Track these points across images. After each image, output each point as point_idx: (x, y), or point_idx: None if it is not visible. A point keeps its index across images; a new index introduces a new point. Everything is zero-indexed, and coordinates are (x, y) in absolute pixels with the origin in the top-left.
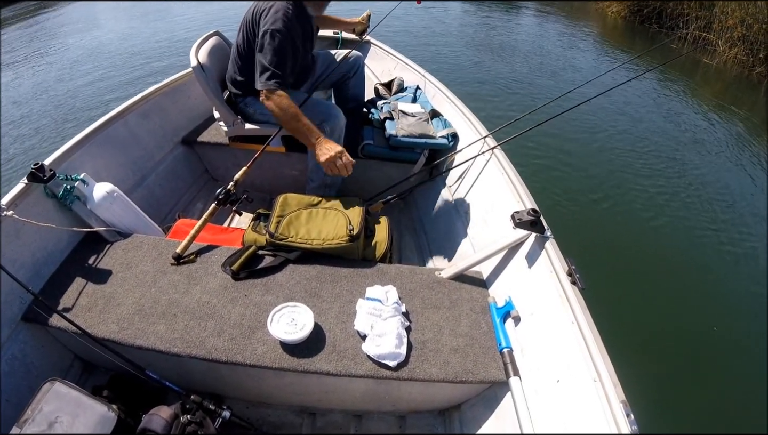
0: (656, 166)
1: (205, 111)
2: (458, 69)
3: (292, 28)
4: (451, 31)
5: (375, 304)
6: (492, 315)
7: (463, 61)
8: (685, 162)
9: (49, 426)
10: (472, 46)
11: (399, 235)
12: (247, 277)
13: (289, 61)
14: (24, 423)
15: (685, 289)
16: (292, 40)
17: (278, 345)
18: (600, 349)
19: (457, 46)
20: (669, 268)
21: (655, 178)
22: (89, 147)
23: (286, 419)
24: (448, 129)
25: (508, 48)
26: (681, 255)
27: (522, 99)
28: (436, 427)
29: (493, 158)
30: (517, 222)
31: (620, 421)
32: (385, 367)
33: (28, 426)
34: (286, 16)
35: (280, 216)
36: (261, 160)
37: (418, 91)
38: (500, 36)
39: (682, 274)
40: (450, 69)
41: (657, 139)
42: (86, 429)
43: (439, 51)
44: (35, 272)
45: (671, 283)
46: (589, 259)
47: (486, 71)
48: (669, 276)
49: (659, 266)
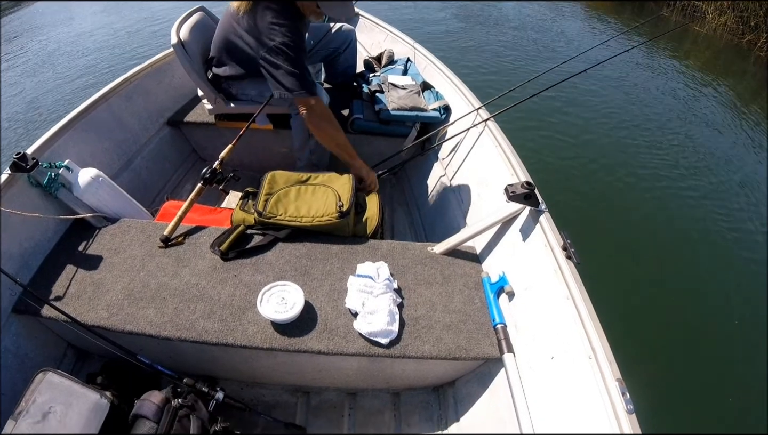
0: (651, 138)
1: (190, 90)
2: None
3: (301, 37)
4: (433, 4)
5: (366, 280)
6: (485, 290)
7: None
8: (680, 133)
9: (43, 417)
10: (460, 18)
11: (391, 211)
12: (236, 257)
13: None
14: (19, 415)
15: (682, 263)
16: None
17: (269, 325)
18: (595, 326)
19: (443, 18)
20: (666, 243)
21: (651, 150)
22: (72, 133)
23: (281, 399)
24: (440, 101)
25: (495, 20)
26: (678, 229)
27: (514, 71)
28: (431, 404)
29: (486, 130)
30: (510, 195)
31: (615, 399)
32: (378, 345)
33: (22, 418)
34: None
35: (269, 194)
36: (249, 138)
37: (408, 63)
38: (487, 7)
39: (679, 247)
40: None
41: (651, 111)
42: (80, 417)
43: (425, 23)
44: (23, 263)
45: (669, 258)
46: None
47: (475, 44)
48: (666, 250)
49: (656, 241)
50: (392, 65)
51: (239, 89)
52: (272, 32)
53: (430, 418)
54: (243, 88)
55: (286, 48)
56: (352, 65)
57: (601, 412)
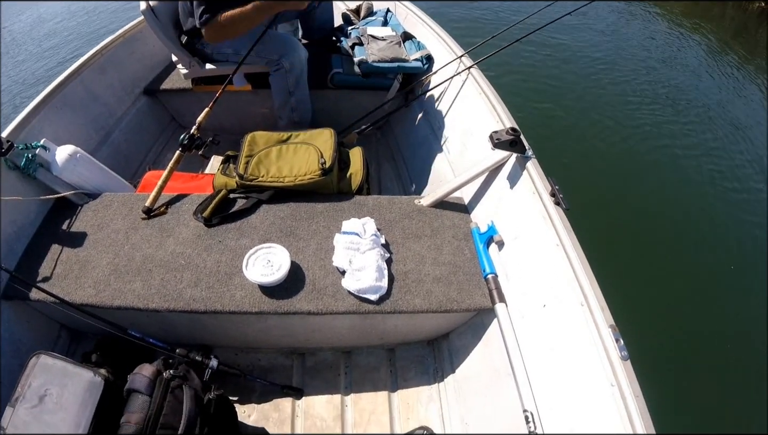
0: (635, 81)
1: (164, 58)
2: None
3: None
4: None
5: (352, 237)
6: (475, 241)
7: None
8: (662, 75)
9: (39, 400)
10: None
11: (377, 165)
12: (220, 223)
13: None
14: (16, 401)
15: (670, 206)
16: None
17: (257, 289)
18: (587, 272)
19: None
20: (656, 184)
21: (633, 94)
22: (46, 112)
23: (276, 362)
24: (422, 51)
25: None
26: (667, 169)
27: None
28: (426, 357)
29: (470, 78)
30: (495, 142)
31: (609, 345)
32: (367, 302)
33: (20, 404)
34: None
35: (249, 156)
36: (227, 100)
37: (388, 14)
38: None
39: (669, 187)
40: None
41: (632, 55)
42: (75, 397)
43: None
44: (8, 249)
45: (656, 201)
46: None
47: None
48: (656, 191)
49: (643, 184)
50: (371, 17)
51: (214, 46)
52: None
53: (426, 371)
54: (218, 44)
55: None
56: (328, 19)
57: (594, 359)
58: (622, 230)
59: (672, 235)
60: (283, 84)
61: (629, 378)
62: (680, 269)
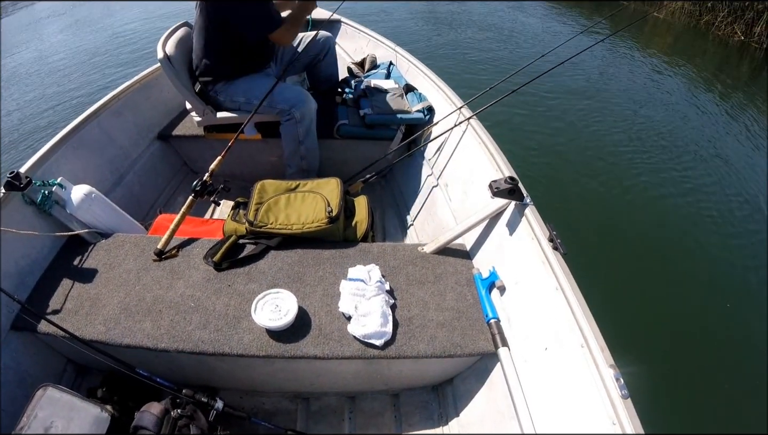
0: (626, 125)
1: (178, 104)
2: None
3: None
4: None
5: (358, 284)
6: (477, 286)
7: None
8: (653, 117)
9: (44, 431)
10: (424, 20)
11: (381, 213)
12: (229, 267)
13: None
14: (21, 430)
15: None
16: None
17: (264, 333)
18: (586, 314)
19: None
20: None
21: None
22: (64, 150)
23: (281, 406)
24: (423, 102)
25: (460, 20)
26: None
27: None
28: (430, 403)
29: (470, 129)
30: (495, 191)
31: (609, 385)
32: (373, 347)
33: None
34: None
35: (259, 203)
36: (238, 148)
37: (391, 66)
38: (447, 6)
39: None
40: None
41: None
42: (81, 432)
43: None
44: (20, 281)
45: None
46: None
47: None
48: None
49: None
50: (375, 69)
51: (227, 95)
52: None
53: (431, 416)
54: (231, 93)
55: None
56: (334, 72)
57: (596, 399)
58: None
59: (669, 274)
60: (293, 133)
61: (630, 415)
62: (679, 308)
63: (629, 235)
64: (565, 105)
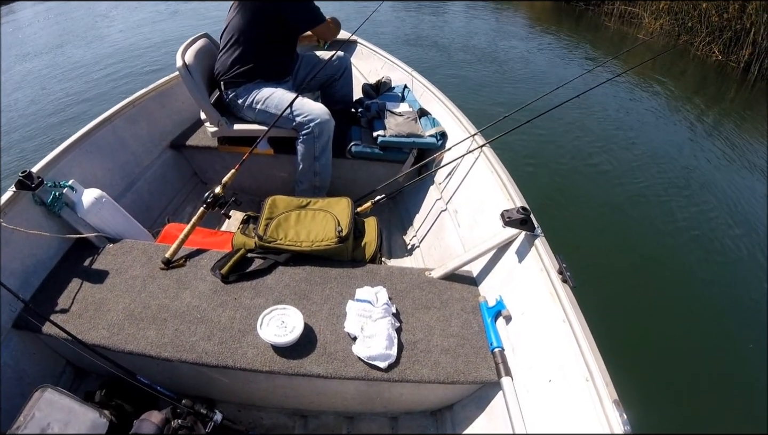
0: (642, 161)
1: (193, 114)
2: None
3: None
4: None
5: (365, 305)
6: (483, 314)
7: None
8: (671, 156)
9: (41, 432)
10: (411, 44)
11: (389, 235)
12: (236, 281)
13: None
14: (17, 430)
15: (676, 285)
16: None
17: (268, 348)
18: (592, 348)
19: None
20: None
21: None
22: (77, 153)
23: (278, 421)
24: (437, 127)
25: (449, 46)
26: (671, 251)
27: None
28: (428, 428)
29: (482, 156)
30: (506, 221)
31: (613, 421)
32: (376, 369)
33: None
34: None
35: (269, 218)
36: (249, 162)
37: (405, 90)
38: (435, 34)
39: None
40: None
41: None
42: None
43: None
44: (25, 280)
45: (662, 280)
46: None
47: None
48: (660, 273)
49: (650, 263)
50: (390, 92)
51: (246, 100)
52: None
53: None
54: (251, 98)
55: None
56: (348, 92)
57: None
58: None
59: (681, 310)
60: (310, 148)
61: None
62: (692, 345)
63: (640, 270)
64: (579, 137)
